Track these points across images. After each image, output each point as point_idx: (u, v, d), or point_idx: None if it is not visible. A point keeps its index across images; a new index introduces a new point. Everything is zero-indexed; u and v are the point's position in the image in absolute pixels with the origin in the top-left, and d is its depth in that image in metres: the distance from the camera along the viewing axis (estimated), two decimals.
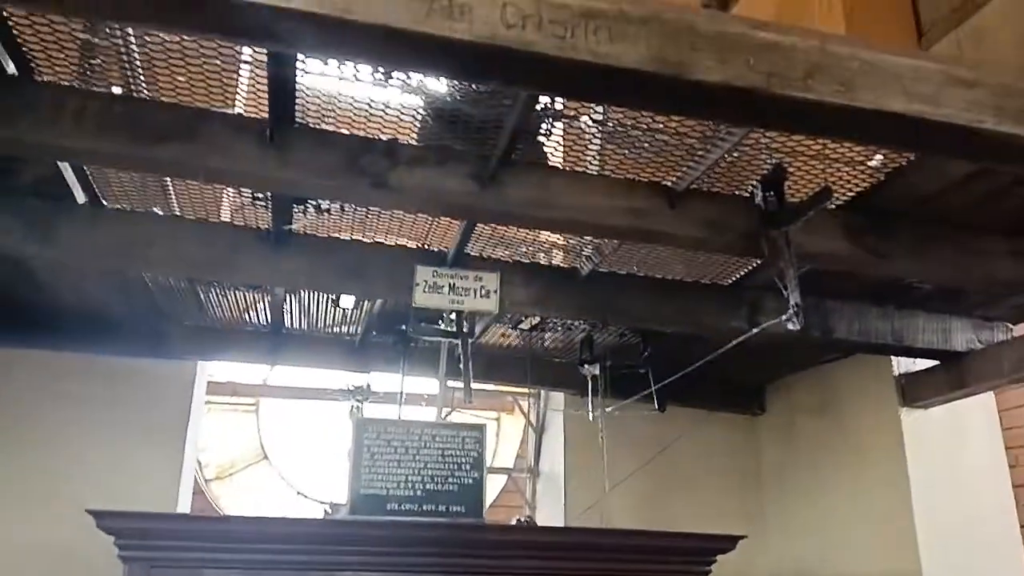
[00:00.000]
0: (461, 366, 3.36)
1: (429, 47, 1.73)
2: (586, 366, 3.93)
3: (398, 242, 3.13)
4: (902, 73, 1.93)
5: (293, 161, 2.24)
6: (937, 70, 1.96)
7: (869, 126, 1.94)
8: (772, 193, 2.50)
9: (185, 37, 1.99)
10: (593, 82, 1.85)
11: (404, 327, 3.74)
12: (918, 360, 3.84)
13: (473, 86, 2.22)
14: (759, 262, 3.05)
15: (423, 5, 1.70)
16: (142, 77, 2.16)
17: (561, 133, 2.54)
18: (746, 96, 1.85)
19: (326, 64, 2.07)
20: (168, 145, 2.16)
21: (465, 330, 3.30)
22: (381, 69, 2.08)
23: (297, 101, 2.22)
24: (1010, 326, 3.60)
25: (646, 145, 2.41)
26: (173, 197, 2.79)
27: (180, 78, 2.14)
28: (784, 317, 2.43)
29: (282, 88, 2.13)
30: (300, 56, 2.01)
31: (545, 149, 2.59)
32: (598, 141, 2.47)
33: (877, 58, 1.93)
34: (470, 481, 3.03)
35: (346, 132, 2.34)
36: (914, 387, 3.85)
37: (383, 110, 2.30)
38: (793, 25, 4.29)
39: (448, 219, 2.94)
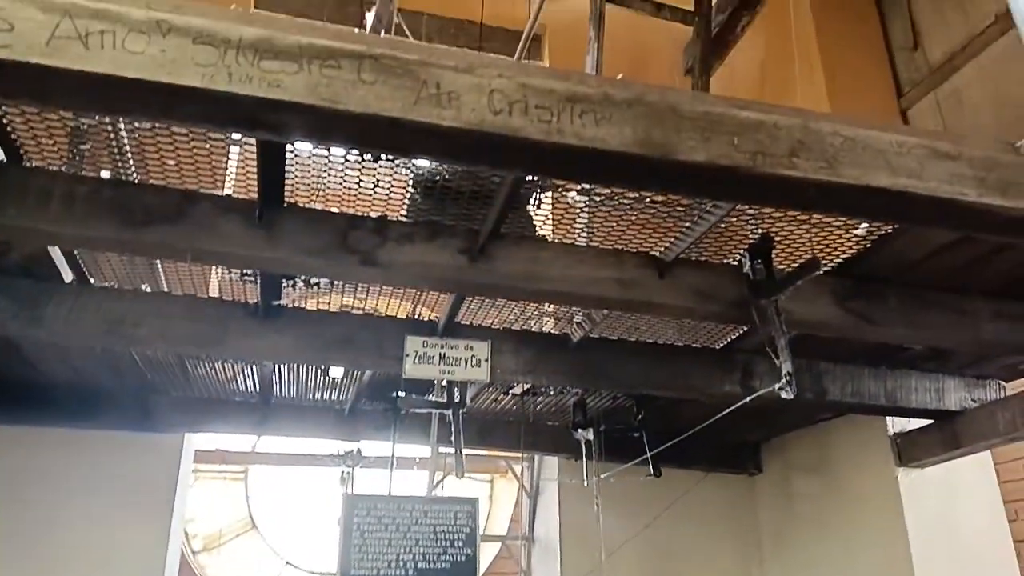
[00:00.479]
0: (452, 436, 3.31)
1: (418, 134, 1.75)
2: (579, 430, 3.88)
3: (388, 312, 3.11)
4: (885, 148, 1.96)
5: (282, 241, 2.24)
6: (919, 144, 1.99)
7: (854, 201, 1.96)
8: (760, 262, 2.51)
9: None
10: (580, 164, 1.87)
11: (395, 394, 3.70)
12: (912, 419, 3.82)
13: None
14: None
15: (411, 93, 1.73)
16: (131, 161, 2.17)
17: (550, 204, 2.55)
18: (731, 174, 1.88)
19: (316, 147, 2.08)
20: (156, 228, 2.15)
21: (456, 400, 3.27)
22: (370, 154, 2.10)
23: (287, 181, 2.23)
24: (1002, 384, 3.60)
25: (634, 217, 2.43)
26: (161, 274, 2.77)
27: (170, 161, 2.15)
28: (777, 386, 2.42)
29: (272, 170, 2.14)
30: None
31: (534, 220, 2.60)
32: (587, 213, 2.49)
33: (860, 134, 1.96)
34: (463, 558, 2.95)
35: (335, 210, 2.34)
36: (909, 447, 3.83)
37: (372, 188, 2.31)
38: (776, 99, 4.40)
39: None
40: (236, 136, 2.20)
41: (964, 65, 3.95)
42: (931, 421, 3.71)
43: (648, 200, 2.36)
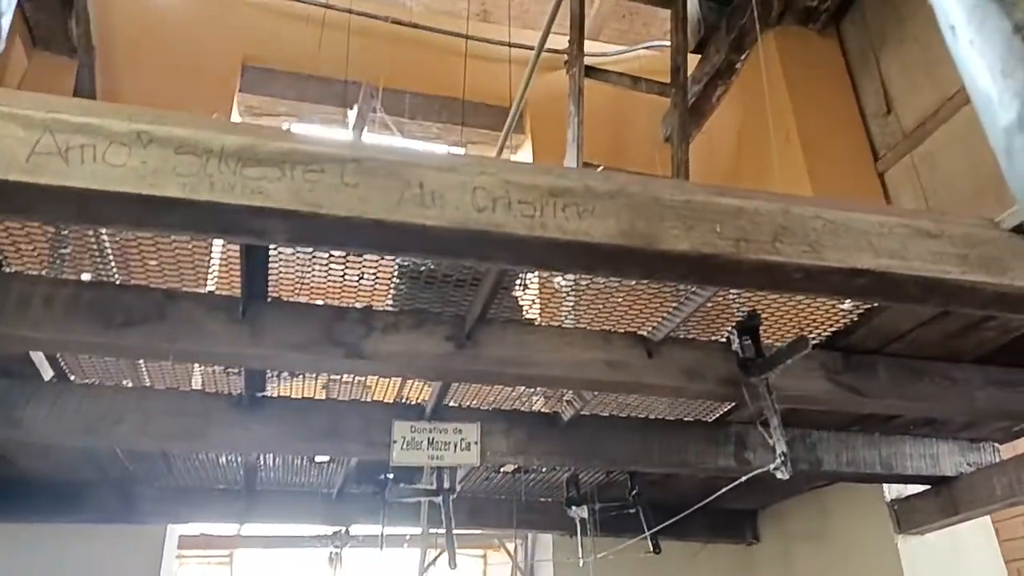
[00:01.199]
0: (443, 521, 3.23)
1: (403, 234, 1.74)
2: (573, 507, 3.80)
3: (374, 397, 3.06)
4: (868, 229, 1.98)
5: (266, 336, 2.21)
6: (901, 223, 2.01)
7: (839, 283, 1.96)
8: (748, 339, 2.50)
9: None
10: (564, 256, 1.87)
11: (383, 477, 3.62)
12: (909, 484, 3.78)
13: None
14: None
15: (395, 194, 1.73)
16: (113, 263, 2.15)
17: (537, 287, 2.55)
18: (715, 261, 1.88)
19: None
20: (138, 329, 2.12)
21: (446, 486, 3.20)
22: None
23: (270, 276, 2.21)
24: (996, 446, 3.58)
25: (620, 299, 2.42)
26: (144, 369, 2.73)
27: (151, 261, 2.13)
28: (772, 467, 2.38)
29: (255, 268, 2.12)
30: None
31: (521, 303, 2.59)
32: (573, 295, 2.48)
33: (842, 216, 1.97)
34: None
35: (320, 302, 2.33)
36: (907, 512, 3.77)
37: (357, 280, 2.29)
38: (754, 166, 4.46)
39: None
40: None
41: (936, 129, 4.04)
42: (928, 487, 3.67)
43: (634, 282, 2.36)
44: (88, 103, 1.70)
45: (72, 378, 2.75)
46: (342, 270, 2.24)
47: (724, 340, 2.58)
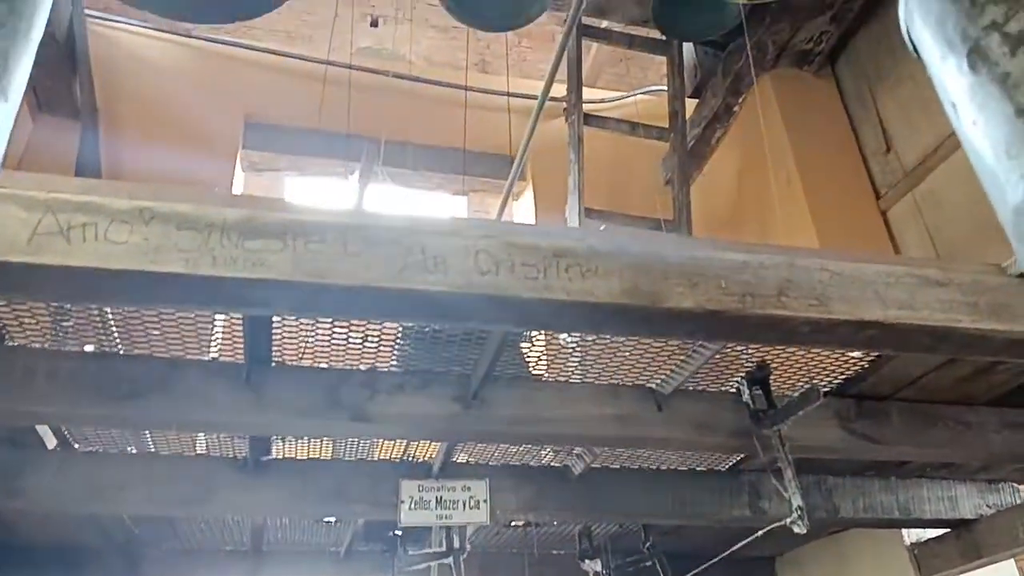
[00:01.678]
0: None
1: (406, 300, 1.73)
2: (587, 560, 3.73)
3: (380, 455, 3.03)
4: (874, 279, 1.96)
5: (270, 403, 2.19)
6: (908, 273, 1.99)
7: (848, 335, 1.94)
8: (758, 389, 2.47)
9: None
10: (569, 317, 1.85)
11: (392, 534, 3.56)
12: (928, 528, 3.70)
13: None
14: None
15: (398, 261, 1.72)
16: (116, 334, 2.14)
17: (544, 343, 2.53)
18: (722, 317, 1.86)
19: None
20: (142, 400, 2.11)
21: (456, 545, 3.14)
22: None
23: (273, 341, 2.20)
24: (1016, 486, 3.50)
25: (627, 353, 2.40)
26: (148, 435, 2.70)
27: (154, 331, 2.12)
28: (788, 520, 2.33)
29: (258, 335, 2.11)
30: None
31: (527, 358, 2.57)
32: (580, 350, 2.46)
33: (847, 268, 1.95)
34: None
35: (324, 365, 2.31)
36: (928, 557, 3.68)
37: (361, 342, 2.28)
38: (755, 207, 4.44)
39: None
40: None
41: (937, 167, 4.04)
42: (948, 530, 3.59)
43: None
44: (90, 182, 1.71)
45: (76, 446, 2.72)
46: (346, 333, 2.23)
47: (734, 390, 2.54)
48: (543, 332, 2.55)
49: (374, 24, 6.78)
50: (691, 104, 4.98)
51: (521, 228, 1.92)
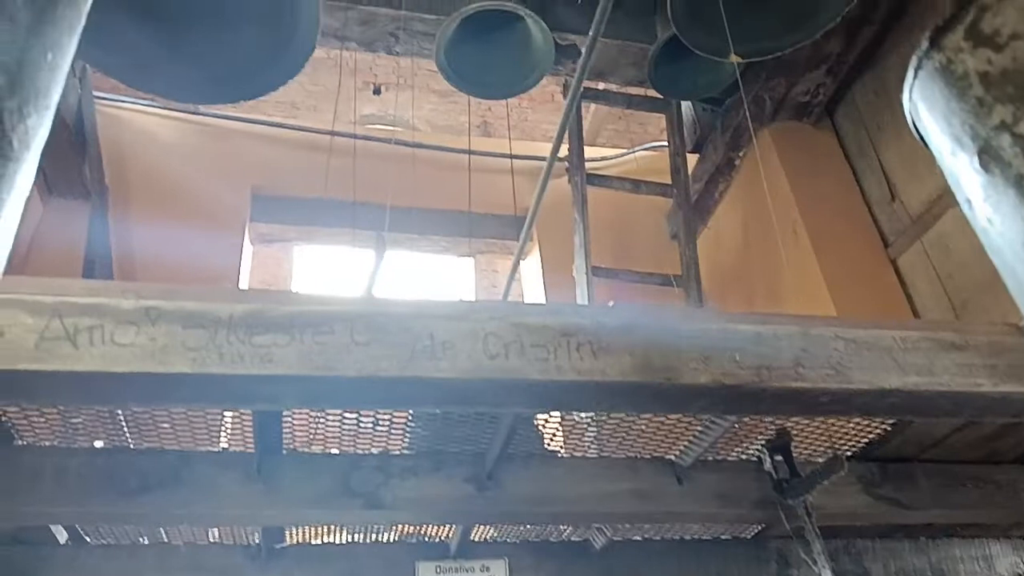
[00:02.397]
0: None
1: (415, 388, 1.71)
2: None
3: (396, 536, 2.96)
4: (890, 346, 1.93)
5: (282, 492, 2.15)
6: (924, 337, 1.95)
7: (868, 403, 1.90)
8: (780, 457, 2.41)
9: None
10: (581, 397, 1.82)
11: None
12: None
13: None
14: None
15: (406, 350, 1.70)
16: (126, 428, 2.12)
17: (558, 418, 2.49)
18: (738, 391, 1.83)
19: None
20: (153, 495, 2.07)
21: None
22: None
23: (284, 429, 2.17)
24: None
25: (644, 425, 2.36)
26: (160, 526, 2.65)
27: (164, 424, 2.10)
28: None
29: (268, 423, 2.09)
30: None
31: (543, 434, 2.52)
32: (595, 425, 2.41)
33: (862, 335, 1.93)
34: None
35: (335, 451, 2.27)
36: None
37: (372, 426, 2.25)
38: (762, 260, 4.41)
39: None
40: None
41: (944, 213, 4.02)
42: None
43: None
44: (96, 283, 1.70)
45: (87, 539, 2.67)
46: (356, 418, 2.20)
47: (755, 459, 2.49)
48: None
49: (377, 92, 6.90)
50: (692, 158, 5.01)
51: (529, 308, 1.90)
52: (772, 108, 4.51)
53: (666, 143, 4.84)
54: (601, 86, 4.71)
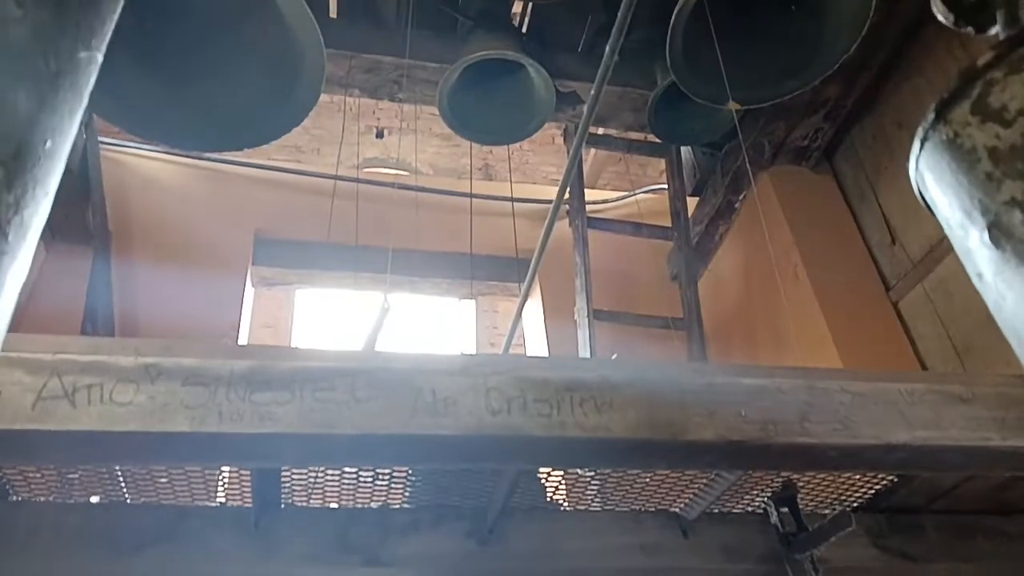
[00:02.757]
0: None
1: (416, 446, 1.69)
2: None
3: None
4: (896, 399, 1.91)
5: (279, 549, 2.11)
6: (930, 390, 1.94)
7: (876, 458, 1.87)
8: (786, 509, 2.38)
9: None
10: (585, 454, 1.80)
11: None
12: None
13: None
14: None
15: (407, 406, 1.69)
16: (122, 484, 2.09)
17: (561, 471, 2.45)
18: (743, 447, 1.81)
19: None
20: (149, 552, 2.04)
21: None
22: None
23: (282, 483, 2.14)
24: None
25: (649, 478, 2.32)
26: None
27: (161, 479, 2.07)
28: None
29: (267, 478, 2.06)
30: None
31: (545, 486, 2.49)
32: (599, 478, 2.38)
33: (868, 388, 1.91)
34: None
35: (335, 505, 2.24)
36: None
37: (372, 480, 2.21)
38: (764, 303, 4.40)
39: None
40: None
41: (946, 256, 4.02)
42: None
43: None
44: (96, 341, 1.70)
45: None
46: (356, 471, 2.17)
47: (761, 510, 2.45)
48: None
49: (379, 135, 6.98)
50: (692, 201, 5.04)
51: (532, 361, 1.89)
52: (771, 152, 4.54)
53: (666, 186, 4.87)
54: (601, 131, 4.75)
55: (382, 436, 1.65)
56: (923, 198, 0.93)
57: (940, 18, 0.99)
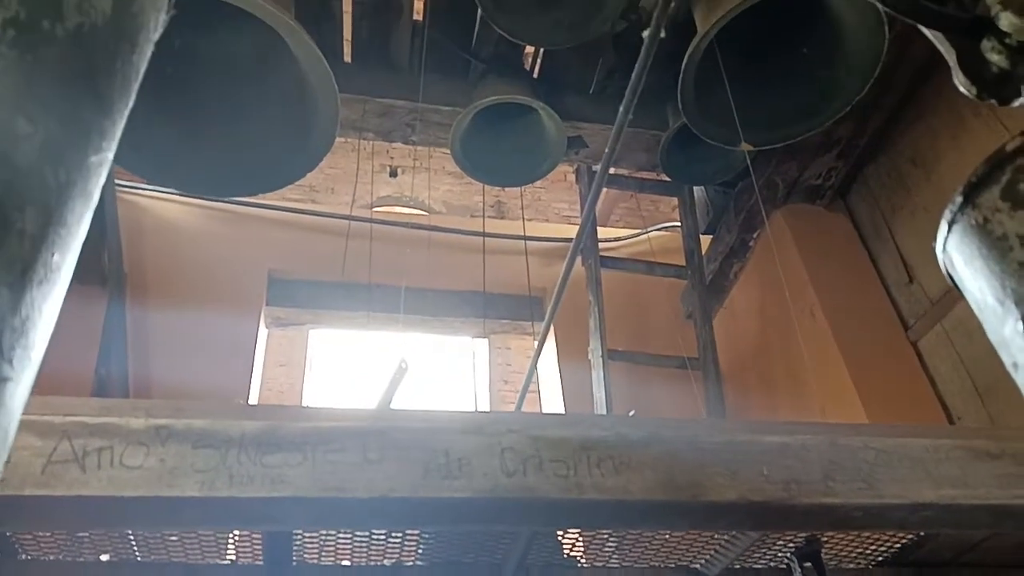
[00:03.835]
0: None
1: (429, 509, 1.66)
2: None
3: None
4: (922, 456, 1.86)
5: None
6: (956, 446, 1.88)
7: (903, 517, 1.82)
8: (810, 564, 2.31)
9: None
10: (603, 516, 1.76)
11: None
12: None
13: None
14: None
15: (420, 467, 1.65)
16: (133, 542, 2.06)
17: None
18: (766, 507, 1.76)
19: None
20: None
21: None
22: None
23: (294, 542, 2.10)
24: None
25: (667, 536, 2.26)
26: None
27: (172, 538, 2.04)
28: None
29: (278, 537, 2.02)
30: None
31: (562, 543, 2.43)
32: (618, 534, 2.33)
33: (892, 444, 1.86)
34: None
35: (347, 563, 2.20)
36: None
37: (384, 537, 2.17)
38: (781, 342, 4.34)
39: None
40: None
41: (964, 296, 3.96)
42: None
43: None
44: (107, 403, 1.68)
45: None
46: (369, 530, 2.13)
47: (784, 566, 2.38)
48: None
49: (393, 174, 7.03)
50: (705, 238, 5.01)
51: (547, 419, 1.86)
52: (784, 191, 4.52)
53: (679, 223, 4.85)
54: (613, 170, 4.74)
55: (394, 499, 1.62)
56: (951, 279, 0.90)
57: (963, 90, 0.97)
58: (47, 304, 0.57)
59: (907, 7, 0.97)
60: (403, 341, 5.10)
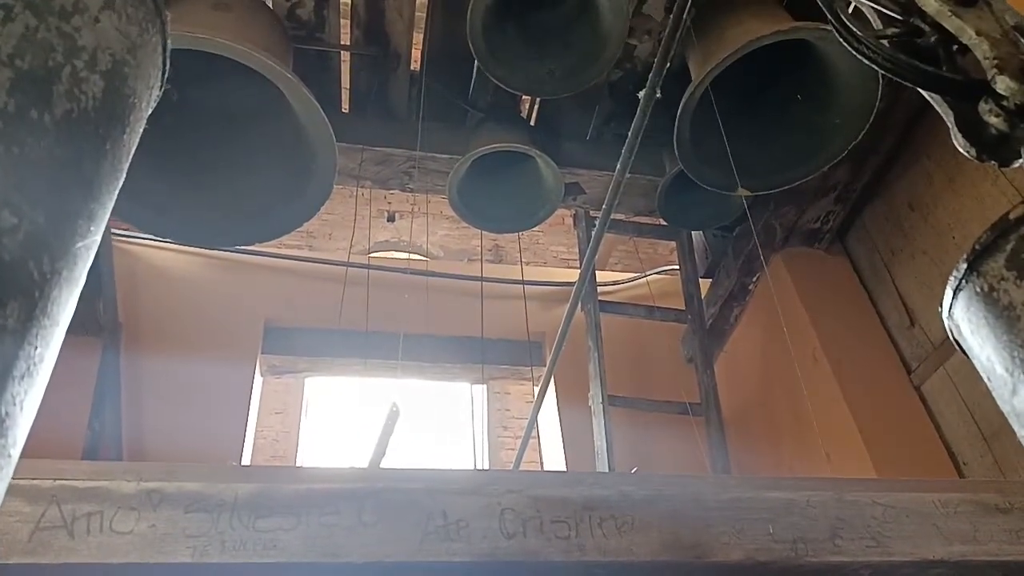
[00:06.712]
0: None
1: (425, 574, 1.61)
2: None
3: None
4: (931, 511, 1.82)
5: None
6: (965, 500, 1.85)
7: (912, 575, 1.78)
8: None
9: None
10: None
11: None
12: None
13: None
14: None
15: (416, 530, 1.61)
16: None
17: None
18: (773, 568, 1.71)
19: None
20: None
21: None
22: None
23: None
24: None
25: None
26: None
27: None
28: None
29: None
30: None
31: None
32: None
33: (899, 499, 1.83)
34: None
35: None
36: None
37: None
38: (783, 386, 4.29)
39: None
40: None
41: None
42: None
43: None
44: (97, 466, 1.65)
45: None
46: None
47: None
48: None
49: (391, 219, 7.06)
50: (704, 282, 5.00)
51: (548, 478, 1.82)
52: (783, 235, 4.53)
53: (677, 267, 4.85)
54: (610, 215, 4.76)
55: (390, 564, 1.58)
56: (959, 345, 0.88)
57: (962, 152, 0.97)
58: (29, 397, 0.55)
59: (905, 70, 0.96)
60: (400, 387, 5.06)
